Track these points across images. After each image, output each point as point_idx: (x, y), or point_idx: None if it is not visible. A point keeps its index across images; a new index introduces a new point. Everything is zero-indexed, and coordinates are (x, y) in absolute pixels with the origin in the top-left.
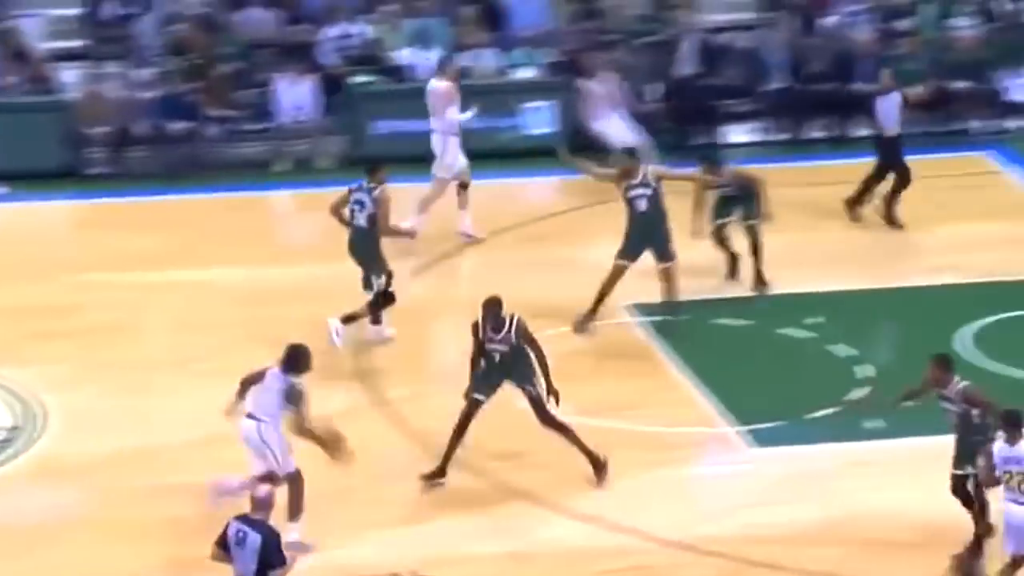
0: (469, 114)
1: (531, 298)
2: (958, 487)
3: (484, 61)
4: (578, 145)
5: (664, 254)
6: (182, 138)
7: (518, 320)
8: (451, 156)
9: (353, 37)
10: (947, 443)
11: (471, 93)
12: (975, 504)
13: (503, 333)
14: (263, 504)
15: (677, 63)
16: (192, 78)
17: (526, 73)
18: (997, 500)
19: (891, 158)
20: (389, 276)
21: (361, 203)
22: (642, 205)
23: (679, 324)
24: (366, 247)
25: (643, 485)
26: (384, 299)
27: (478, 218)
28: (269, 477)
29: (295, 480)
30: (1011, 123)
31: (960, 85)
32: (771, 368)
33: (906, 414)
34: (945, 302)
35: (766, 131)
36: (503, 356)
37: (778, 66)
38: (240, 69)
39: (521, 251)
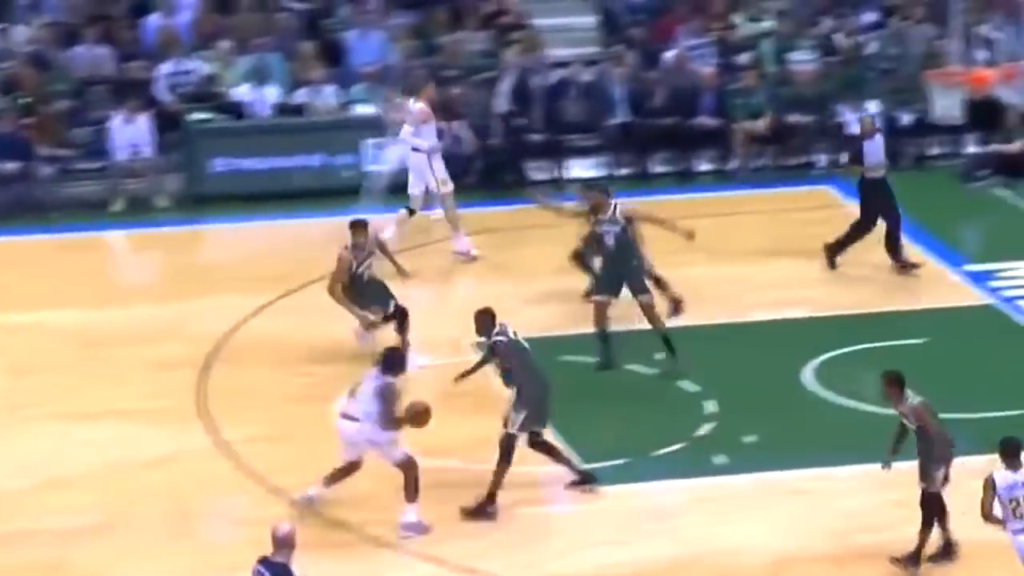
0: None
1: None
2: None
3: (323, 98)
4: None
5: (637, 288)
6: (14, 178)
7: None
8: (442, 170)
9: (189, 74)
10: (787, 477)
11: (311, 130)
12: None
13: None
14: (284, 542)
15: (497, 100)
16: (23, 117)
17: (366, 109)
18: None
19: (880, 200)
20: (381, 305)
21: None
22: (609, 241)
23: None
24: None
25: (490, 525)
26: (397, 320)
27: (320, 258)
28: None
29: (409, 466)
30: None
31: (801, 119)
32: (618, 405)
33: (751, 449)
34: (789, 336)
35: (609, 166)
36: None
37: (620, 101)
38: (73, 107)
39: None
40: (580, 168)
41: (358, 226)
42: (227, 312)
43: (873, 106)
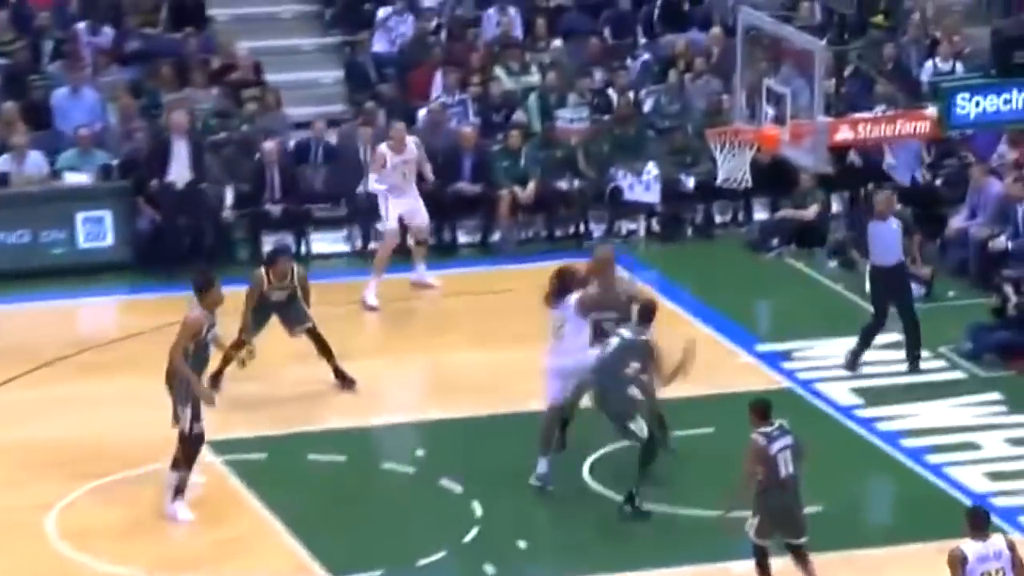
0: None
1: (91, 437)
2: None
3: (29, 165)
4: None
5: None
6: None
7: None
8: (387, 213)
9: None
10: None
11: (15, 203)
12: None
13: None
14: None
15: (172, 166)
16: None
17: (79, 178)
18: None
19: (893, 293)
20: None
21: None
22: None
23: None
24: None
25: None
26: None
27: (23, 347)
28: None
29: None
30: (629, 224)
31: (571, 184)
32: (373, 508)
33: (524, 555)
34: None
35: (354, 239)
36: None
37: (369, 165)
38: None
39: (78, 384)
40: (325, 243)
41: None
42: None
43: (652, 168)
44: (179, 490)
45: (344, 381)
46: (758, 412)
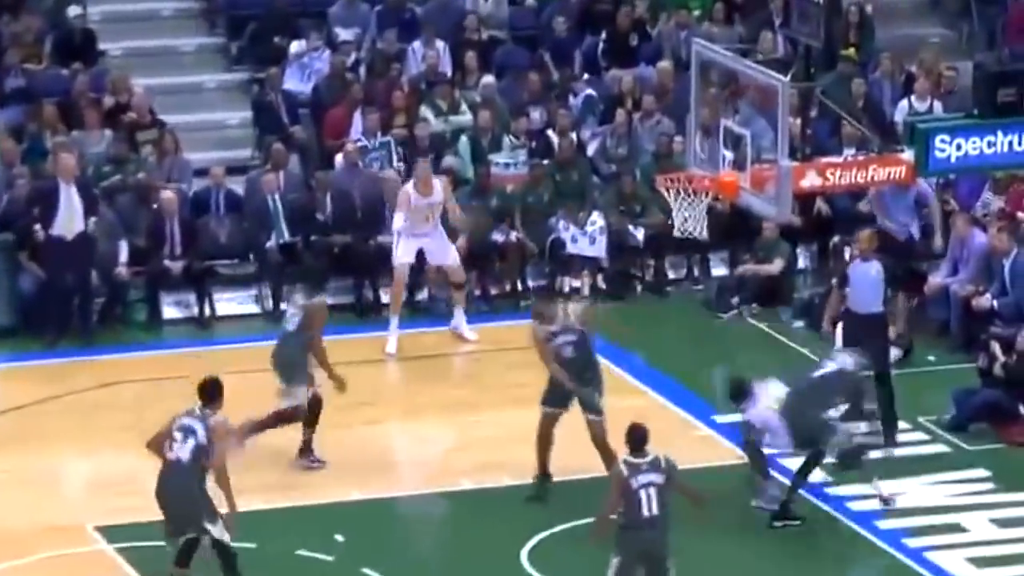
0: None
1: None
2: None
3: None
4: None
5: (589, 405)
6: None
7: None
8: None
9: None
10: None
11: None
12: None
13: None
14: None
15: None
16: None
17: None
18: None
19: (869, 346)
20: None
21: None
22: (567, 352)
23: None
24: None
25: None
26: None
27: None
28: None
29: None
30: (572, 281)
31: (508, 236)
32: None
33: None
34: (498, 510)
35: (264, 299)
36: None
37: (279, 216)
38: None
39: None
40: (232, 303)
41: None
42: None
43: (597, 218)
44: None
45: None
46: (631, 440)
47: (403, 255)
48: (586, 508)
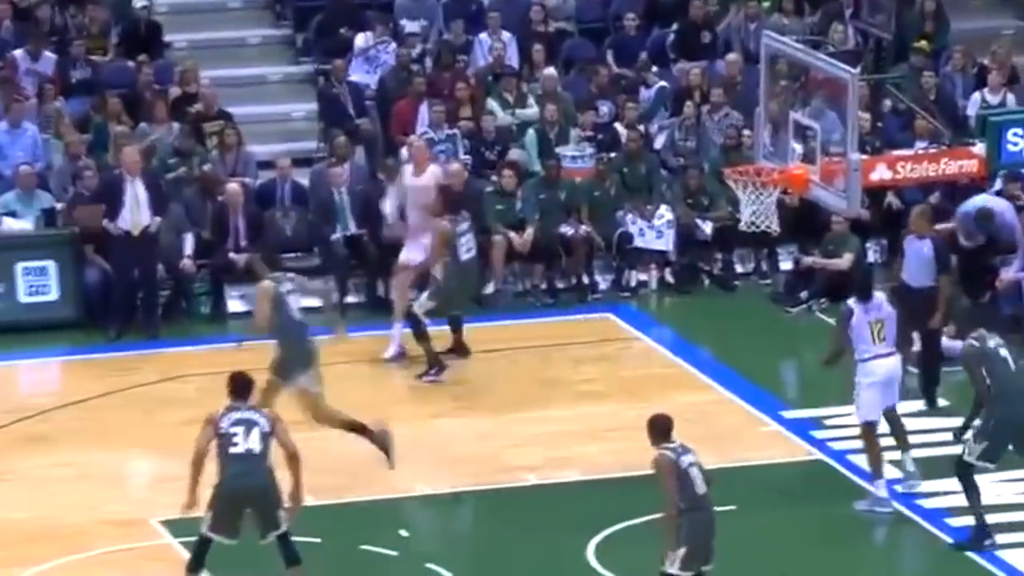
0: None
1: (31, 518)
2: None
3: None
4: None
5: None
6: None
7: None
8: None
9: None
10: None
11: None
12: None
13: None
14: None
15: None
16: None
17: (19, 225)
18: None
19: (920, 318)
20: None
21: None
22: None
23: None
24: None
25: None
26: None
27: None
28: None
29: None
30: (640, 275)
31: (575, 230)
32: None
33: None
34: (563, 506)
35: (332, 292)
36: None
37: (345, 209)
38: None
39: (15, 457)
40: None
41: None
42: None
43: (665, 212)
44: None
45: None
46: (657, 429)
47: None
48: (652, 504)
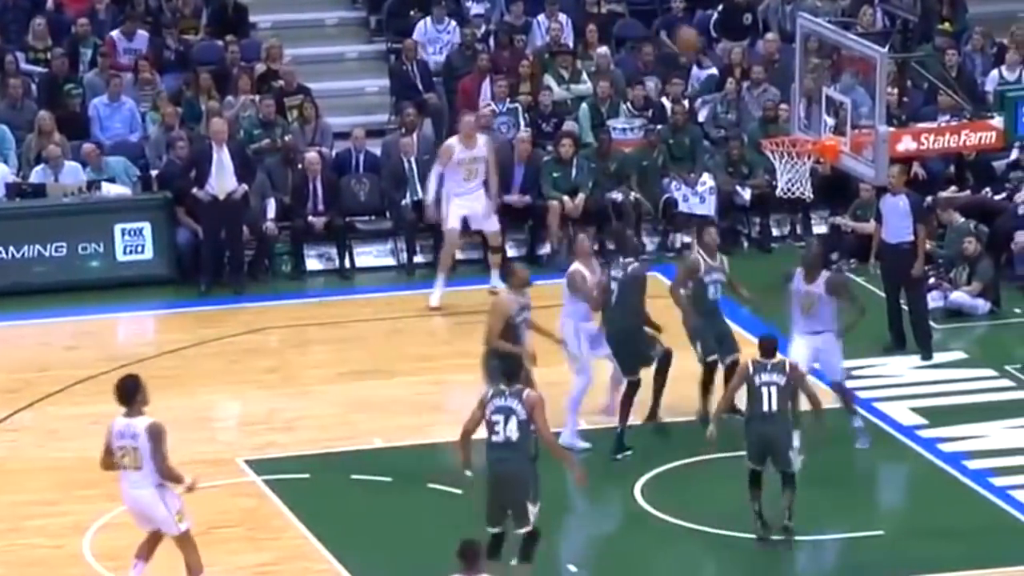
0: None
1: None
2: None
3: (65, 176)
4: None
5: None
6: None
7: None
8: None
9: None
10: None
11: (51, 215)
12: None
13: None
14: None
15: (212, 177)
16: None
17: (118, 190)
18: None
19: (901, 273)
20: None
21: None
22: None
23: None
24: None
25: None
26: None
27: (60, 363)
28: None
29: None
30: (684, 238)
31: (625, 196)
32: (416, 528)
33: None
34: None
35: (399, 252)
36: None
37: (415, 176)
38: None
39: (114, 402)
40: (369, 256)
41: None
42: None
43: (708, 179)
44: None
45: None
46: (762, 347)
47: (452, 221)
48: (698, 448)
